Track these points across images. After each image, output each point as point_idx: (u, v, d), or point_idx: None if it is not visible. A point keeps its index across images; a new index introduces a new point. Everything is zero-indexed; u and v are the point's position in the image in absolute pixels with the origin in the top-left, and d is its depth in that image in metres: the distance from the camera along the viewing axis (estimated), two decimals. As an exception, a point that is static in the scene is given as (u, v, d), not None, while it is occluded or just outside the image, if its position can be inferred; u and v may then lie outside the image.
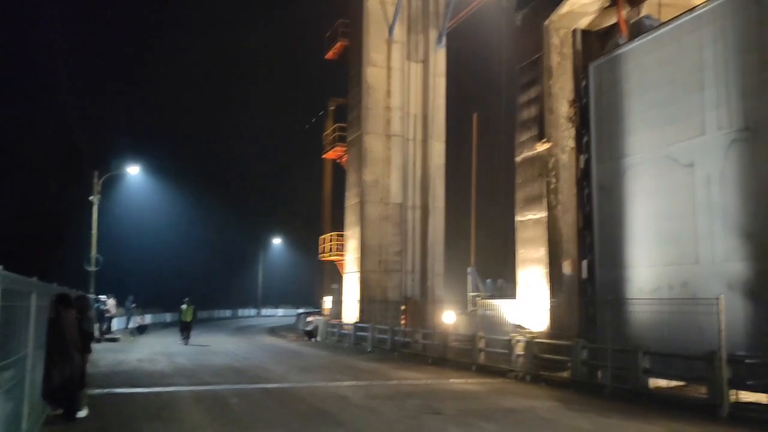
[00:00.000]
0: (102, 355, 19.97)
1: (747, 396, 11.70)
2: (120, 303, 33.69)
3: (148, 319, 39.01)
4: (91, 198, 29.33)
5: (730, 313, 11.89)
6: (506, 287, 26.01)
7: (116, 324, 32.33)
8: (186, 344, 26.03)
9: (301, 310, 49.38)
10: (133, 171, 32.91)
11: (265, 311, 74.06)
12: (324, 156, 39.49)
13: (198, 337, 29.26)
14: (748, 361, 11.47)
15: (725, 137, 13.24)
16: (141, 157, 36.07)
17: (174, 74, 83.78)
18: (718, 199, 13.37)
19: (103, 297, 29.79)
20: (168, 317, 46.71)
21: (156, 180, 51.37)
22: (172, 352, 23.08)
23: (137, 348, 24.74)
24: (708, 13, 13.87)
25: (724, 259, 13.17)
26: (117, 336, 29.49)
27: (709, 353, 11.44)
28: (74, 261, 30.88)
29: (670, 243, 14.67)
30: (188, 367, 18.08)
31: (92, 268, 28.72)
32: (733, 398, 11.39)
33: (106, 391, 12.87)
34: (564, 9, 17.79)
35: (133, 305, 35.44)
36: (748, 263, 12.61)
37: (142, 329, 34.03)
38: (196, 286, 50.84)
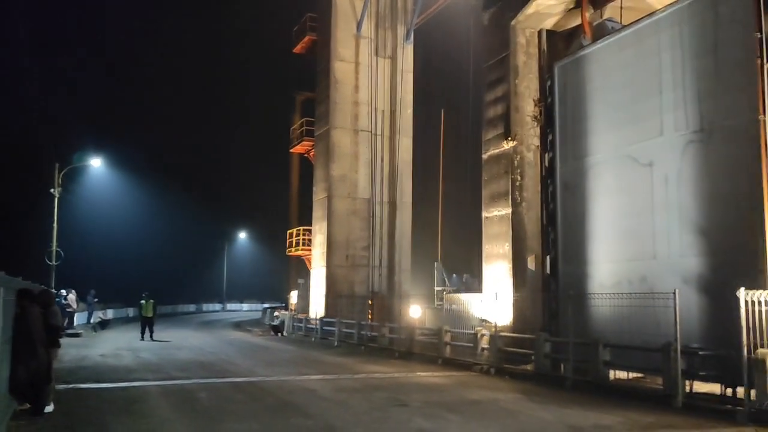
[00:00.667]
0: (65, 351, 19.61)
1: (700, 386, 12.24)
2: (81, 298, 33.14)
3: (110, 314, 38.43)
4: (52, 191, 28.78)
5: (685, 307, 12.37)
6: (472, 282, 26.47)
7: (77, 319, 31.80)
8: (151, 341, 25.56)
9: (267, 305, 49.22)
10: (96, 163, 32.38)
11: (230, 306, 73.51)
12: (291, 150, 39.38)
13: (161, 333, 28.98)
14: (701, 352, 11.97)
15: (682, 138, 13.72)
16: (104, 149, 35.47)
17: (138, 65, 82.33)
18: (675, 198, 13.86)
19: (63, 291, 29.28)
20: (131, 312, 46.04)
21: (120, 173, 50.53)
22: (136, 347, 22.86)
23: (100, 343, 24.42)
24: (666, 17, 14.33)
25: (680, 255, 13.66)
26: (79, 331, 29.02)
27: (665, 345, 11.91)
28: (35, 255, 30.26)
29: (629, 239, 15.13)
30: (154, 362, 17.97)
31: (53, 263, 28.22)
32: (687, 389, 11.93)
33: (71, 386, 12.77)
34: (530, 9, 18.12)
35: (95, 300, 34.91)
36: (702, 259, 13.13)
37: (104, 324, 33.50)
38: (159, 280, 50.19)
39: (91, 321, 33.61)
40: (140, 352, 20.70)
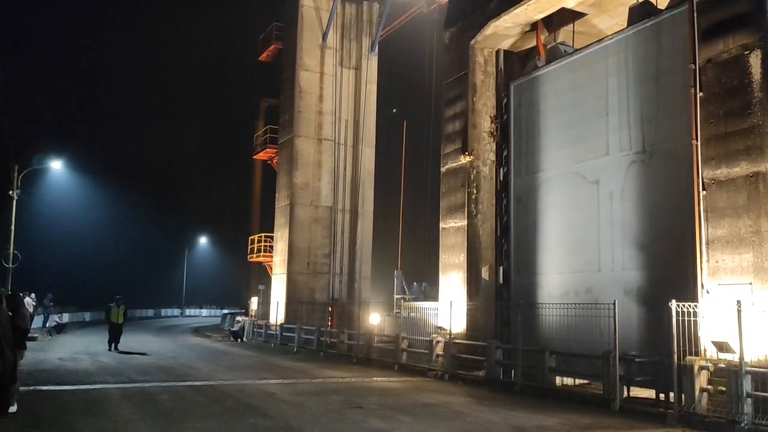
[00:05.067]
0: (22, 354, 19.59)
1: (639, 392, 13.07)
2: (38, 301, 32.71)
3: (66, 317, 37.97)
4: (10, 193, 28.47)
5: (626, 317, 13.23)
6: (430, 290, 27.10)
7: (33, 322, 31.38)
8: (116, 351, 23.26)
9: (227, 311, 49.06)
10: (56, 166, 32.11)
11: (189, 311, 72.82)
12: (255, 157, 39.60)
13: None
14: (638, 359, 12.80)
15: (625, 158, 14.65)
16: (66, 152, 35.18)
17: (100, 69, 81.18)
18: (618, 214, 14.77)
19: (20, 294, 28.87)
20: (87, 316, 45.50)
21: (80, 176, 49.88)
22: (94, 351, 22.83)
23: (57, 347, 24.29)
24: (613, 44, 15.29)
25: (621, 267, 14.56)
26: (34, 335, 28.68)
27: (605, 353, 12.70)
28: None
29: (577, 252, 16.00)
30: (113, 365, 18.10)
31: (10, 265, 27.90)
32: (625, 393, 12.73)
33: (31, 388, 12.90)
34: (488, 30, 18.93)
35: (52, 304, 34.49)
36: (641, 272, 14.03)
37: (59, 328, 33.17)
38: (118, 283, 49.67)
39: (47, 325, 33.19)
40: (99, 356, 20.74)
